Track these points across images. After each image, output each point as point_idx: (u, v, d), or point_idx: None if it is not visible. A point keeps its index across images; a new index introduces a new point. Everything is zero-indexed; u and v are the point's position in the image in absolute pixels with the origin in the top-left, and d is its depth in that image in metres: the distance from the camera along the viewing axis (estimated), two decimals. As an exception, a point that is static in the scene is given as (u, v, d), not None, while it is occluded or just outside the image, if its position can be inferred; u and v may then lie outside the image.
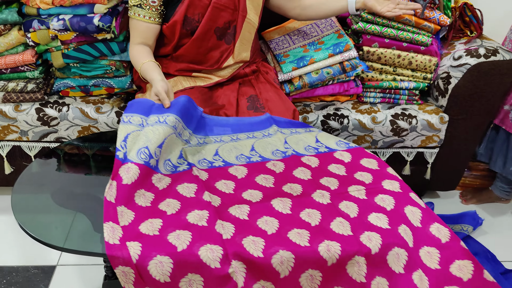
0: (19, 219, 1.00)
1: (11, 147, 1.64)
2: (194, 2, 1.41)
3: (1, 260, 1.54)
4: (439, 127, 1.71)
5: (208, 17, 1.43)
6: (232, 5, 1.45)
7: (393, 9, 1.42)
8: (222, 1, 1.43)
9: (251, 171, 1.17)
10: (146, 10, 1.40)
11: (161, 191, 1.07)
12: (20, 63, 1.50)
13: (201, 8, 1.42)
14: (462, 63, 1.66)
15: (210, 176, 1.14)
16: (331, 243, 0.93)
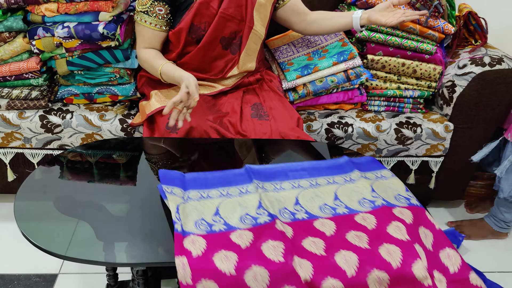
0: (21, 227, 0.99)
1: (14, 154, 1.64)
2: (201, 11, 1.41)
3: (2, 268, 1.53)
4: (444, 135, 1.70)
5: (214, 26, 1.43)
6: (239, 16, 1.45)
7: (398, 18, 1.41)
8: (229, 11, 1.42)
9: (340, 226, 1.01)
10: (153, 18, 1.41)
11: (245, 250, 0.92)
12: (24, 70, 1.50)
13: (208, 17, 1.42)
14: (467, 71, 1.65)
15: (296, 232, 0.98)
16: None
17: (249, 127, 1.42)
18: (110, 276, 1.26)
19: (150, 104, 1.47)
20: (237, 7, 1.43)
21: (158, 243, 0.99)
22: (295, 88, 1.65)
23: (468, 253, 1.75)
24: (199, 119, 1.36)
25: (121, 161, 1.30)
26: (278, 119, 1.44)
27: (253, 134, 1.40)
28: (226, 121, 1.43)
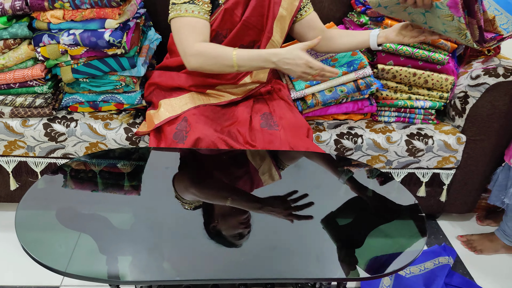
0: (22, 241, 0.96)
1: (17, 162, 1.61)
2: (225, 17, 1.39)
3: (3, 279, 1.50)
4: (456, 147, 1.66)
5: (235, 34, 1.41)
6: (259, 25, 1.43)
7: (419, 38, 1.37)
8: (252, 20, 1.41)
9: None
10: (200, 6, 1.31)
11: None
12: (29, 78, 1.48)
13: (231, 24, 1.41)
14: (480, 82, 1.62)
15: None
16: None
17: (258, 137, 1.39)
18: (113, 290, 1.22)
19: (159, 114, 1.44)
20: (259, 16, 1.42)
21: (164, 259, 0.95)
22: (304, 98, 1.62)
23: (481, 268, 1.70)
24: (207, 130, 1.33)
25: (126, 171, 1.26)
26: (288, 129, 1.41)
27: (262, 145, 1.37)
28: (235, 130, 1.40)
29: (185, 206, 1.12)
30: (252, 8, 1.40)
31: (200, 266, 0.94)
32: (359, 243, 1.04)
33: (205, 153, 1.33)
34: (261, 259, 0.96)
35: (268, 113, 1.47)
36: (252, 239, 1.01)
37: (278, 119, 1.44)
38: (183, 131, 1.36)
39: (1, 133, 1.53)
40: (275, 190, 1.20)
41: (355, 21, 1.85)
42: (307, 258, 0.98)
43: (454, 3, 1.10)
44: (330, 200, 1.19)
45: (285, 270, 0.94)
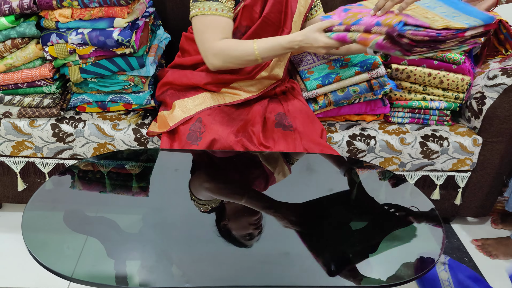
0: (28, 244, 0.94)
1: (25, 163, 1.60)
2: (244, 13, 1.37)
3: (9, 281, 1.49)
4: (472, 150, 1.62)
5: (253, 30, 1.39)
6: (277, 22, 1.42)
7: None
8: (271, 16, 1.39)
9: None
10: (224, 4, 1.29)
11: None
12: (37, 78, 1.46)
13: (250, 20, 1.39)
14: (497, 82, 1.57)
15: None
16: None
17: (272, 138, 1.37)
18: (120, 295, 1.20)
19: (173, 115, 1.41)
20: (278, 12, 1.40)
21: (173, 264, 0.92)
22: (316, 98, 1.59)
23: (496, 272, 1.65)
24: (223, 132, 1.31)
25: (134, 173, 1.24)
26: (302, 131, 1.39)
27: (276, 147, 1.34)
28: (249, 130, 1.38)
29: (200, 207, 1.09)
30: (271, 4, 1.38)
31: (209, 272, 0.91)
32: (373, 249, 1.00)
33: (217, 155, 1.30)
34: (272, 265, 0.94)
35: (282, 113, 1.45)
36: (263, 244, 0.98)
37: (292, 119, 1.42)
38: (197, 132, 1.33)
39: (9, 133, 1.52)
40: (287, 193, 1.17)
41: (368, 20, 1.82)
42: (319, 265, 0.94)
43: (380, 46, 1.12)
44: (343, 204, 1.16)
45: (297, 276, 0.91)
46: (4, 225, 1.73)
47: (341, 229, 1.06)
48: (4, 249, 1.62)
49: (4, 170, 1.61)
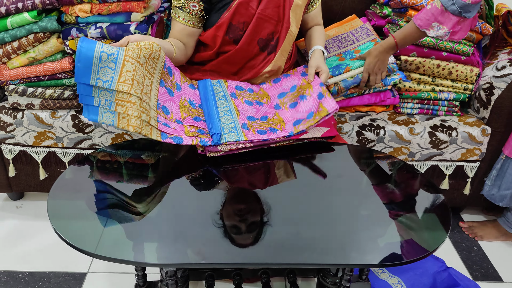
0: (54, 225, 0.99)
1: (46, 153, 1.66)
2: (240, 10, 1.40)
3: (33, 265, 1.55)
4: (481, 140, 1.64)
5: (252, 28, 1.42)
6: (276, 17, 1.44)
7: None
8: (267, 12, 1.41)
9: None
10: (186, 13, 1.41)
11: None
12: (58, 70, 1.52)
13: (247, 17, 1.42)
14: (506, 73, 1.59)
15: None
16: None
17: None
18: (138, 276, 1.25)
19: None
20: (275, 7, 1.42)
21: (188, 244, 0.97)
22: (327, 87, 1.62)
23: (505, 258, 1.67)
24: None
25: (150, 162, 1.29)
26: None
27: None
28: None
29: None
30: (267, 0, 1.40)
31: (223, 251, 0.96)
32: (382, 232, 1.04)
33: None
34: (283, 245, 0.98)
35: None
36: (275, 225, 1.02)
37: None
38: None
39: (32, 124, 1.58)
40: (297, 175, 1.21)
41: (378, 13, 1.84)
42: (329, 245, 0.99)
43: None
44: (353, 189, 1.19)
45: (307, 256, 0.95)
46: (27, 213, 1.81)
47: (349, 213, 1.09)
48: (27, 235, 1.69)
49: (27, 160, 1.68)
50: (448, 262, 1.54)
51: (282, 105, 1.37)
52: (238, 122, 1.25)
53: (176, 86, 1.30)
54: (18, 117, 1.58)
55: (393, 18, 1.71)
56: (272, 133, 1.23)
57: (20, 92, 1.56)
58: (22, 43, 1.46)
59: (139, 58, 1.14)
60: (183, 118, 1.24)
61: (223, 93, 1.36)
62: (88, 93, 1.10)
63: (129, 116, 1.10)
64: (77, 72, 1.08)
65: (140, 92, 1.12)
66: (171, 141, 1.16)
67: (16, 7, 1.41)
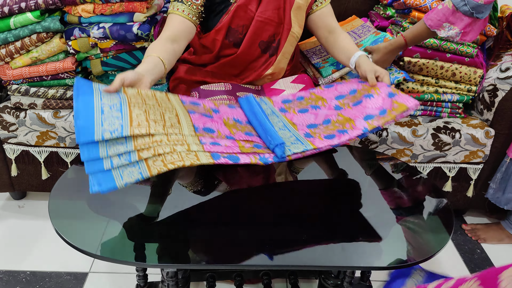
0: (55, 225, 0.99)
1: (48, 153, 1.67)
2: (239, 13, 1.39)
3: (34, 265, 1.56)
4: (484, 142, 1.63)
5: (252, 31, 1.41)
6: (276, 19, 1.42)
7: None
8: (267, 14, 1.40)
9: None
10: (186, 6, 1.36)
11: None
12: (60, 70, 1.52)
13: (246, 20, 1.41)
14: (510, 75, 1.58)
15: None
16: None
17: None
18: (140, 277, 1.25)
19: None
20: (275, 9, 1.41)
21: (189, 246, 0.97)
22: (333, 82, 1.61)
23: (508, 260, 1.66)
24: None
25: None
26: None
27: None
28: None
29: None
30: (266, 2, 1.39)
31: (225, 253, 0.96)
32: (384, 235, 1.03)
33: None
34: (285, 248, 0.97)
35: None
36: (276, 227, 1.02)
37: None
38: None
39: (34, 124, 1.58)
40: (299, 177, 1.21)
41: (381, 14, 1.84)
42: (331, 247, 0.98)
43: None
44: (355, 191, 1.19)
45: (309, 258, 0.94)
46: (29, 212, 1.81)
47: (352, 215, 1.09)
48: (29, 235, 1.69)
49: (29, 160, 1.68)
50: (451, 264, 1.53)
51: (343, 105, 1.16)
52: (298, 134, 1.07)
53: (211, 111, 1.10)
54: (20, 116, 1.58)
55: (396, 19, 1.70)
56: (342, 135, 1.06)
57: (22, 92, 1.56)
58: (25, 43, 1.47)
59: (146, 101, 0.97)
60: (234, 134, 1.02)
61: (270, 109, 1.18)
62: (94, 155, 0.87)
63: (162, 156, 0.88)
64: (78, 131, 0.87)
65: (163, 127, 0.92)
66: (226, 161, 0.94)
67: (19, 7, 1.42)
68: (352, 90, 1.21)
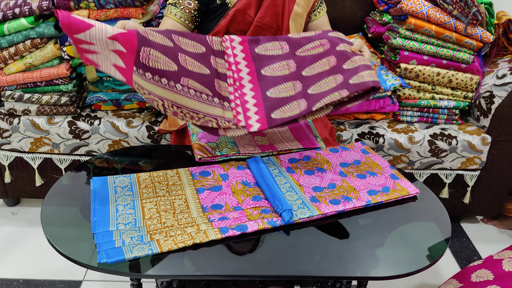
0: (47, 234, 0.98)
1: (42, 159, 1.65)
2: (237, 18, 1.39)
3: (28, 273, 1.54)
4: (481, 148, 1.63)
5: (250, 35, 1.40)
6: (275, 25, 1.42)
7: None
8: (265, 20, 1.40)
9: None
10: (179, 10, 1.38)
11: None
12: (54, 76, 1.51)
13: (245, 24, 1.40)
14: (506, 81, 1.58)
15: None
16: None
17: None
18: (134, 286, 1.23)
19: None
20: (273, 15, 1.41)
21: (184, 255, 0.96)
22: None
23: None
24: None
25: (147, 169, 1.28)
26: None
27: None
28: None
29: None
30: (265, 8, 1.39)
31: (220, 263, 0.94)
32: (381, 243, 1.02)
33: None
34: (281, 256, 0.96)
35: None
36: (272, 237, 1.01)
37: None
38: None
39: (28, 130, 1.57)
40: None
41: (378, 20, 1.84)
42: (328, 256, 0.97)
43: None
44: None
45: (305, 267, 0.93)
46: (22, 219, 1.79)
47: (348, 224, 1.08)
48: (22, 242, 1.67)
49: (23, 166, 1.67)
50: (448, 271, 1.53)
51: (348, 173, 1.21)
52: (305, 197, 1.11)
53: (221, 178, 1.15)
54: (14, 123, 1.57)
55: (393, 25, 1.70)
56: (347, 202, 1.09)
57: (16, 98, 1.54)
58: (19, 48, 1.45)
59: (157, 191, 1.08)
60: (241, 202, 1.07)
61: (278, 170, 1.21)
62: (107, 238, 0.96)
63: (172, 237, 0.96)
64: (94, 225, 0.98)
65: (173, 215, 1.02)
66: (234, 232, 0.98)
67: (13, 13, 1.40)
68: (355, 160, 1.27)
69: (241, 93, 1.10)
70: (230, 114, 1.07)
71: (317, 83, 1.11)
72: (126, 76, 0.99)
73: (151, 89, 1.01)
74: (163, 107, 1.03)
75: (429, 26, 1.56)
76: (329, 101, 1.07)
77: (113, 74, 1.00)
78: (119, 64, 0.99)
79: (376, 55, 1.84)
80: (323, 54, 1.14)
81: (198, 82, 1.05)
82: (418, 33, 1.59)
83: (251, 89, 1.11)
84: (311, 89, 1.11)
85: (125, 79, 0.99)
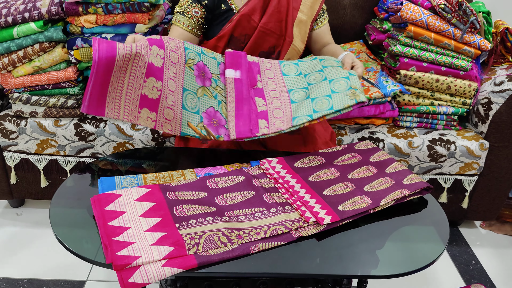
0: (56, 232, 1.00)
1: (48, 161, 1.68)
2: (242, 23, 1.42)
3: (32, 272, 1.56)
4: (479, 154, 1.66)
5: (253, 41, 1.43)
6: (278, 31, 1.45)
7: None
8: (269, 26, 1.43)
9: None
10: (187, 18, 1.41)
11: None
12: (62, 80, 1.54)
13: (249, 29, 1.43)
14: (504, 88, 1.61)
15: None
16: None
17: (280, 140, 1.41)
18: (138, 285, 1.25)
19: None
20: (277, 22, 1.44)
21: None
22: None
23: (505, 275, 1.68)
24: None
25: (151, 170, 1.30)
26: (311, 132, 1.43)
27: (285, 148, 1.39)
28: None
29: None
30: (269, 14, 1.42)
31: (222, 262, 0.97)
32: (380, 245, 1.05)
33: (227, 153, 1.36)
34: (282, 255, 0.98)
35: None
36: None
37: None
38: None
39: (35, 132, 1.60)
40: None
41: (378, 27, 1.87)
42: (328, 256, 0.99)
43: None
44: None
45: (306, 266, 0.96)
46: (27, 220, 1.81)
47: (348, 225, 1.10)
48: (26, 243, 1.69)
49: (29, 167, 1.69)
50: (446, 275, 1.55)
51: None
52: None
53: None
54: (21, 124, 1.60)
55: (393, 33, 1.74)
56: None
57: (24, 100, 1.58)
58: (28, 52, 1.49)
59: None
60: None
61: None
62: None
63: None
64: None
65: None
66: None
67: (22, 17, 1.44)
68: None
69: (299, 196, 1.10)
70: (296, 215, 1.06)
71: (370, 183, 1.15)
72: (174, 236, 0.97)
73: (204, 229, 0.99)
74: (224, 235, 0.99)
75: (428, 33, 1.60)
76: (393, 198, 1.11)
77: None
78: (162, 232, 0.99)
79: (377, 62, 1.88)
80: (360, 164, 1.22)
81: (242, 208, 1.06)
82: (417, 41, 1.62)
83: (306, 192, 1.11)
84: (366, 188, 1.14)
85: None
